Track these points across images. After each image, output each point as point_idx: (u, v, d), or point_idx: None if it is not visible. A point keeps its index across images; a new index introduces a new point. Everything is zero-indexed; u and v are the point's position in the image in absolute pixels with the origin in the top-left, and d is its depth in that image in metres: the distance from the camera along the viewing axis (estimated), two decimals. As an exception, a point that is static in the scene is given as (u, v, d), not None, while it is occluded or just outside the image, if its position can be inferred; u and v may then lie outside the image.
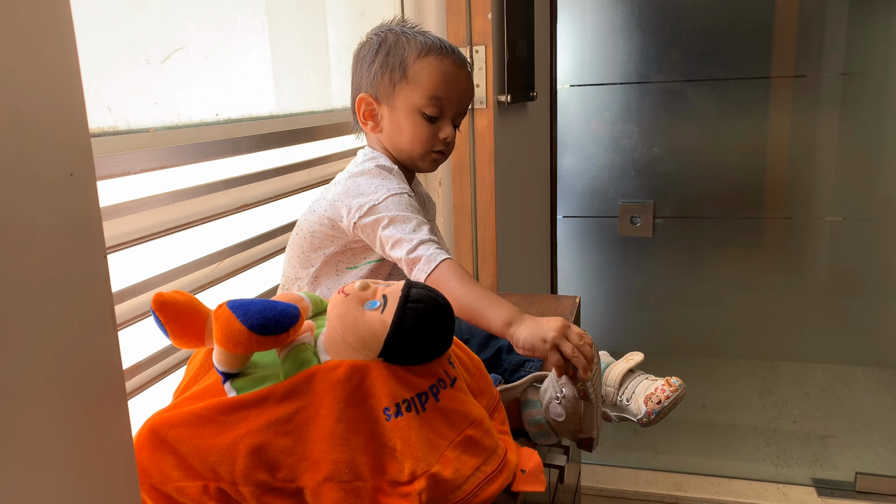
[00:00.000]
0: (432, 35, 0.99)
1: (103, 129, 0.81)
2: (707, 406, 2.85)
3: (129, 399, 0.81)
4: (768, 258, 2.49)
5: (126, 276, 0.86)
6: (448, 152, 1.01)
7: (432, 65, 0.95)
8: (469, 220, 1.73)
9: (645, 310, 2.50)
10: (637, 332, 2.55)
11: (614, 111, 2.35)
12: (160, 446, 0.59)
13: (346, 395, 0.60)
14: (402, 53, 0.96)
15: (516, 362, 0.92)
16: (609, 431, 2.80)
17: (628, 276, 2.47)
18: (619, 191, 2.38)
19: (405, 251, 0.87)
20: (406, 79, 0.96)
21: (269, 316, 0.60)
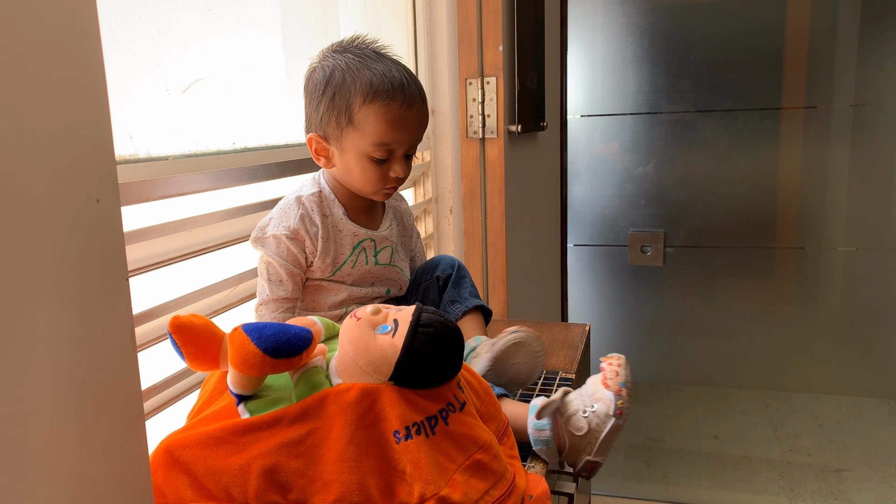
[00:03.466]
0: (382, 66, 0.93)
1: (125, 157, 0.84)
2: (719, 437, 2.82)
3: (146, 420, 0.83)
4: (781, 288, 2.49)
5: (145, 300, 0.88)
6: (402, 182, 1.00)
7: (378, 112, 0.91)
8: (480, 249, 1.74)
9: (655, 339, 2.50)
10: (647, 362, 2.54)
11: (624, 141, 2.37)
12: (174, 467, 0.60)
13: (357, 418, 0.61)
14: (348, 97, 0.92)
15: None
16: (620, 462, 2.78)
17: (638, 305, 2.47)
18: (630, 220, 2.39)
19: (259, 301, 0.96)
20: (352, 125, 0.92)
21: (282, 339, 0.62)
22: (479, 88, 1.65)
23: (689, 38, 2.29)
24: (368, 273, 1.01)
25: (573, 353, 1.18)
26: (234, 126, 1.05)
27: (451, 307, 1.04)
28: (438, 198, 1.83)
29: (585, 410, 0.81)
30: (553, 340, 1.26)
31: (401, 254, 1.07)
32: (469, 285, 1.06)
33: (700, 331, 2.50)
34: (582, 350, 1.21)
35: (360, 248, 1.01)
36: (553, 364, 1.14)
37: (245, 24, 1.07)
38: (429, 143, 1.79)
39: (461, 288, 1.06)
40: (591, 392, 0.82)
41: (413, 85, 0.94)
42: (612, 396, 0.81)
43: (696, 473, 2.72)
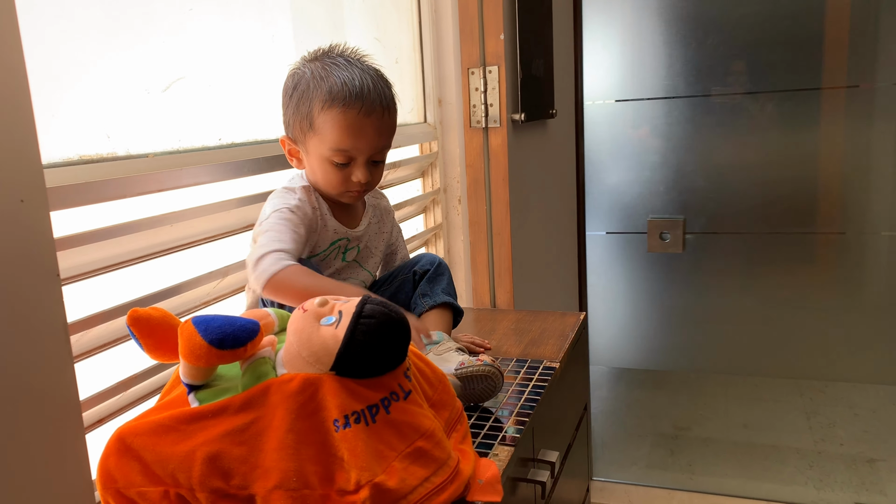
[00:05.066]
0: (346, 73, 0.95)
1: (102, 156, 0.87)
2: (748, 426, 2.77)
3: (122, 415, 0.86)
4: (819, 275, 2.41)
5: (130, 294, 0.91)
6: (370, 187, 1.02)
7: (335, 118, 0.94)
8: (485, 238, 1.75)
9: (677, 327, 2.46)
10: (669, 350, 2.51)
11: (643, 126, 2.34)
12: (126, 453, 0.63)
13: (298, 407, 0.63)
14: (310, 103, 0.95)
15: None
16: (644, 451, 2.76)
17: (659, 292, 2.44)
18: (648, 207, 2.36)
19: (255, 257, 0.89)
20: (313, 129, 0.96)
21: (227, 331, 0.64)
22: (482, 78, 1.65)
23: (705, 18, 2.23)
24: (334, 270, 1.03)
25: (562, 343, 1.18)
26: (220, 122, 1.07)
27: (420, 300, 1.05)
28: (447, 188, 1.84)
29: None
30: (545, 329, 1.26)
31: (370, 251, 1.08)
32: (445, 283, 1.07)
33: (727, 319, 2.45)
34: (573, 339, 1.21)
35: (336, 245, 1.03)
36: (540, 353, 1.14)
37: (232, 20, 1.09)
38: (436, 133, 1.80)
39: (436, 284, 1.07)
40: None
41: (376, 93, 0.96)
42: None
43: (722, 462, 2.68)
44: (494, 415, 0.93)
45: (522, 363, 1.10)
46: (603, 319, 2.53)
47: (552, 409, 1.08)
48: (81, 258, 0.85)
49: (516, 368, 1.09)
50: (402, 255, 1.17)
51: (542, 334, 1.23)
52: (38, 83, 0.79)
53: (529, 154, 1.86)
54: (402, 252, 1.18)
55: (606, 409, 2.78)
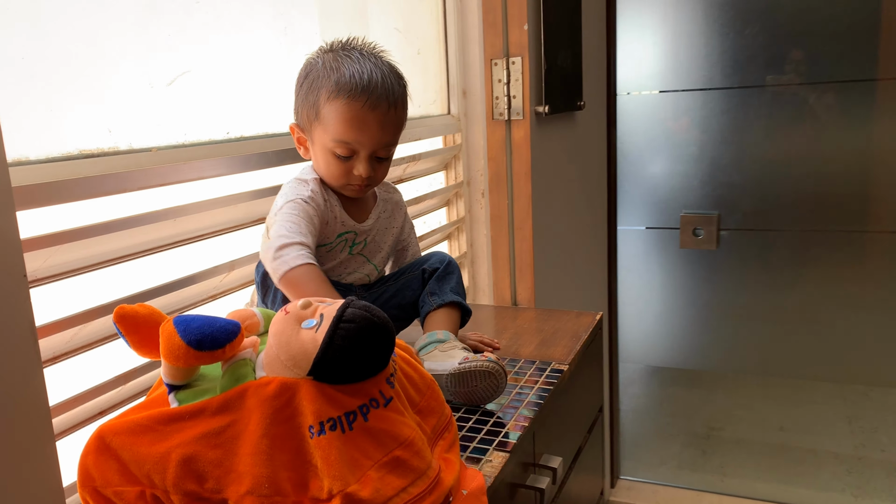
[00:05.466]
0: (356, 66, 0.95)
1: (103, 150, 0.87)
2: (785, 429, 2.68)
3: (112, 413, 0.86)
4: (861, 274, 2.31)
5: (146, 284, 0.92)
6: (373, 183, 1.00)
7: (339, 109, 0.93)
8: (506, 233, 1.72)
9: (710, 326, 2.39)
10: (703, 349, 2.44)
11: (677, 118, 2.27)
12: (105, 452, 0.63)
13: (274, 412, 0.61)
14: (318, 92, 0.95)
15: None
16: (675, 450, 2.70)
17: (691, 290, 2.37)
18: (681, 201, 2.29)
19: (277, 245, 0.89)
20: (318, 119, 0.96)
21: (206, 332, 0.63)
22: (505, 69, 1.62)
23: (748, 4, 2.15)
24: (339, 262, 1.02)
25: (573, 344, 1.15)
26: (228, 116, 1.07)
27: (428, 299, 1.04)
28: (470, 181, 1.81)
29: None
30: (558, 329, 1.23)
31: (378, 245, 1.07)
32: (454, 282, 1.05)
33: (763, 319, 2.36)
34: (585, 340, 1.18)
35: (343, 238, 1.02)
36: (550, 354, 1.12)
37: (241, 11, 1.08)
38: (459, 125, 1.78)
39: (445, 283, 1.05)
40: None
41: (383, 88, 0.95)
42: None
43: (755, 465, 2.60)
44: (493, 419, 0.91)
45: (531, 364, 1.08)
46: (634, 316, 2.48)
47: (559, 413, 1.05)
48: (82, 252, 0.86)
49: (524, 370, 1.06)
50: (413, 252, 1.15)
51: (555, 334, 1.20)
52: (36, 77, 0.80)
53: (554, 147, 1.82)
54: (414, 249, 1.16)
55: (637, 406, 2.72)
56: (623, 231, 2.38)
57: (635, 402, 2.73)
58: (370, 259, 1.06)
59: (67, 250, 0.83)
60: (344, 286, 1.02)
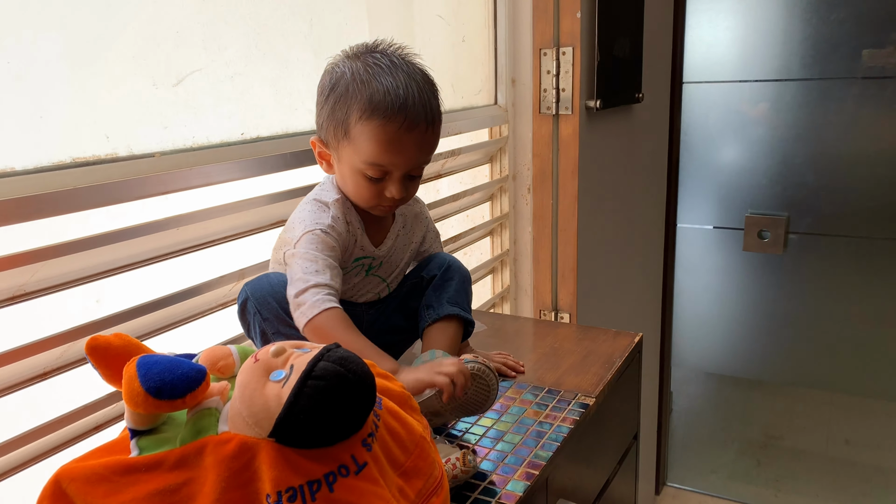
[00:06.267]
0: (390, 80, 0.86)
1: (100, 157, 0.83)
2: (851, 442, 2.50)
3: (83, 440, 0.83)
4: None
5: (144, 295, 0.89)
6: (402, 203, 0.93)
7: (373, 131, 0.85)
8: (549, 235, 1.62)
9: (772, 335, 2.24)
10: (761, 359, 2.29)
11: (748, 111, 2.10)
12: (61, 498, 0.59)
13: (231, 475, 0.56)
14: (347, 110, 0.86)
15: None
16: (728, 458, 2.57)
17: (752, 296, 2.22)
18: (747, 201, 2.13)
19: (294, 291, 0.84)
20: (348, 138, 0.87)
21: (166, 379, 0.58)
22: (554, 60, 1.51)
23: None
24: (352, 285, 0.96)
25: (604, 372, 1.06)
26: (243, 115, 1.01)
27: (424, 312, 0.96)
28: (516, 175, 1.72)
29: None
30: (591, 352, 1.14)
31: (394, 264, 1.00)
32: (452, 290, 0.97)
33: (831, 330, 2.19)
34: (619, 367, 1.09)
35: (361, 262, 0.95)
36: (577, 383, 1.03)
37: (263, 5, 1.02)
38: (506, 116, 1.68)
39: (442, 292, 0.96)
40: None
41: (420, 106, 0.86)
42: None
43: (814, 480, 2.45)
44: (501, 463, 0.84)
45: (554, 395, 1.00)
46: (690, 319, 2.34)
47: (582, 450, 0.97)
48: (80, 263, 0.82)
49: (546, 402, 0.98)
50: None
51: (586, 358, 1.12)
52: (22, 79, 0.75)
53: (606, 143, 1.70)
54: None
55: (691, 408, 2.59)
56: (683, 230, 2.24)
57: (689, 404, 2.59)
58: (384, 279, 0.99)
59: (56, 264, 0.79)
60: (354, 304, 0.96)
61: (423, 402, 0.85)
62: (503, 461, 0.84)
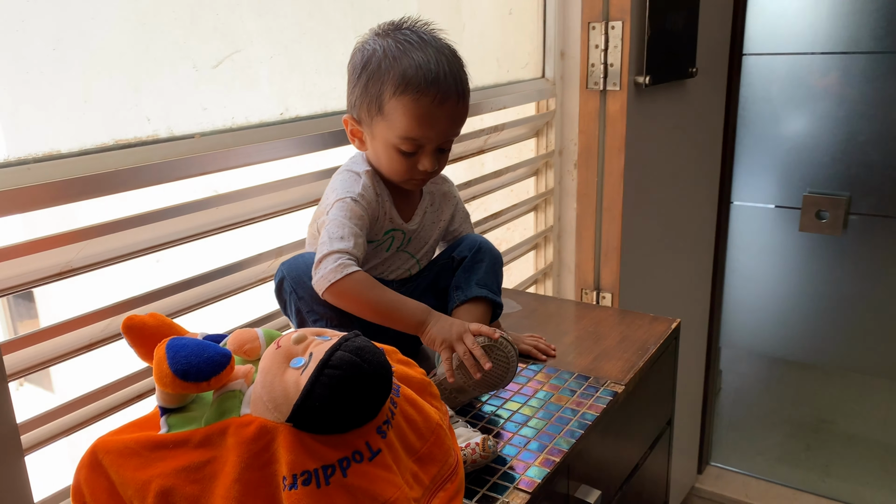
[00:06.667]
0: (421, 56, 0.88)
1: (141, 139, 0.85)
2: (906, 430, 2.42)
3: (122, 410, 0.88)
4: None
5: (197, 268, 0.93)
6: (434, 175, 0.97)
7: (407, 105, 0.88)
8: (593, 212, 1.60)
9: (826, 319, 2.16)
10: (815, 343, 2.22)
11: (811, 85, 2.00)
12: (96, 468, 0.63)
13: (251, 456, 0.59)
14: (381, 86, 0.88)
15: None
16: (776, 440, 2.52)
17: (807, 278, 2.14)
18: (807, 179, 2.05)
19: (318, 256, 0.87)
20: (382, 114, 0.90)
21: (193, 362, 0.61)
22: (603, 34, 1.47)
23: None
24: (382, 260, 0.98)
25: (636, 359, 1.05)
26: (282, 96, 1.03)
27: (454, 293, 0.98)
28: (563, 150, 1.70)
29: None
30: (625, 337, 1.13)
31: (422, 240, 1.02)
32: (482, 272, 0.98)
33: (891, 315, 2.10)
34: (653, 354, 1.08)
35: (390, 235, 0.97)
36: (607, 369, 1.03)
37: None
38: (554, 89, 1.65)
39: (472, 274, 0.98)
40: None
41: (451, 79, 0.90)
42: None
43: (865, 467, 2.38)
44: (522, 448, 0.85)
45: (582, 381, 1.00)
46: (742, 300, 2.28)
47: (608, 438, 0.97)
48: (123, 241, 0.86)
49: (573, 387, 0.98)
50: None
51: (620, 344, 1.11)
52: (68, 65, 0.78)
53: (656, 120, 1.66)
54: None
55: (740, 387, 2.54)
56: (737, 207, 2.17)
57: (739, 385, 2.55)
58: (413, 255, 1.01)
59: (100, 242, 0.83)
60: (384, 282, 0.98)
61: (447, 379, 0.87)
62: (525, 446, 0.85)
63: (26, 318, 4.24)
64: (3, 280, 0.76)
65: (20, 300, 4.41)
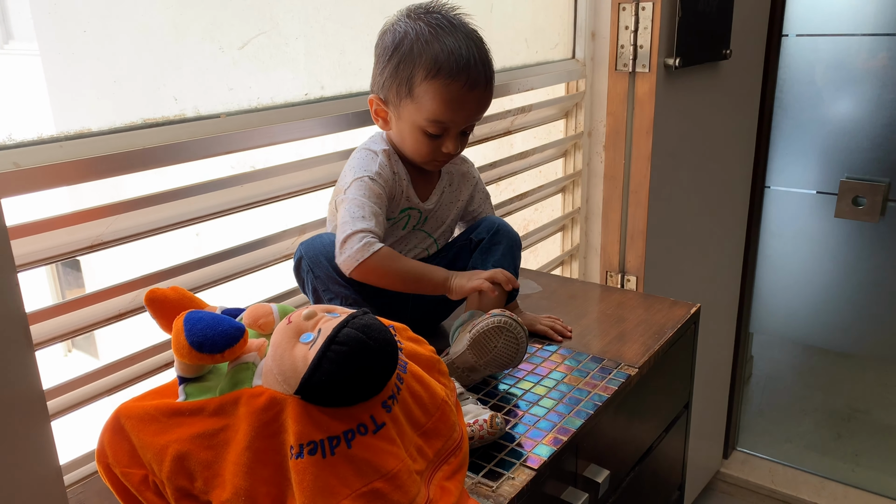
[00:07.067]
0: (452, 41, 0.90)
1: (169, 118, 0.88)
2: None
3: (147, 379, 0.92)
4: None
5: (221, 244, 0.97)
6: (455, 156, 1.00)
7: (438, 89, 0.90)
8: (620, 195, 1.59)
9: (861, 307, 2.12)
10: (850, 331, 2.17)
11: (853, 67, 1.95)
12: (119, 432, 0.67)
13: (261, 426, 0.61)
14: (412, 69, 0.91)
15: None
16: (806, 427, 2.49)
17: (842, 265, 2.10)
18: (844, 164, 2.00)
19: (342, 237, 0.89)
20: (411, 96, 0.92)
21: (208, 335, 0.64)
22: (633, 15, 1.45)
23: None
24: (399, 238, 1.00)
25: (652, 343, 1.06)
26: (307, 77, 1.05)
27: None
28: (592, 132, 1.69)
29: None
30: (643, 321, 1.13)
31: (440, 219, 1.04)
32: (499, 254, 1.00)
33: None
34: (670, 338, 1.08)
35: (406, 213, 0.99)
36: (622, 352, 1.03)
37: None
38: (584, 70, 1.64)
39: (489, 255, 1.00)
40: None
41: (480, 66, 0.93)
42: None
43: (896, 459, 2.35)
44: (532, 426, 0.86)
45: (596, 363, 1.01)
46: (774, 285, 2.25)
47: (618, 421, 0.98)
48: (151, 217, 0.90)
49: (587, 368, 1.00)
50: None
51: (637, 327, 1.11)
52: (99, 47, 0.81)
53: (686, 102, 1.64)
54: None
55: (772, 374, 2.51)
56: (770, 192, 2.14)
57: (770, 371, 2.52)
58: (431, 234, 1.03)
59: (129, 217, 0.86)
60: None
61: (459, 358, 0.89)
62: (535, 425, 0.87)
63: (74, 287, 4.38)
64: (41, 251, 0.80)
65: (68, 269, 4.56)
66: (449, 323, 1.11)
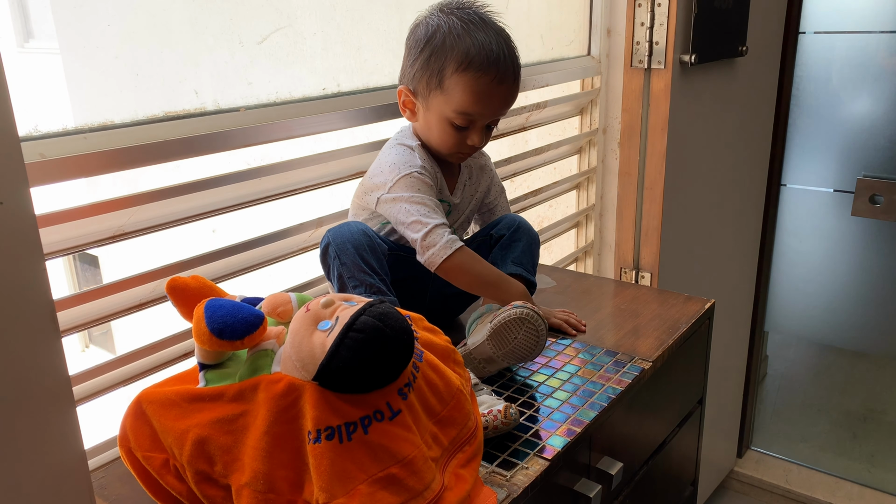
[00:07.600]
0: (483, 36, 0.93)
1: (189, 111, 0.90)
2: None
3: (166, 369, 0.93)
4: None
5: (242, 235, 0.98)
6: (478, 149, 1.02)
7: (468, 82, 0.92)
8: (634, 192, 1.59)
9: (878, 306, 2.11)
10: (867, 331, 2.16)
11: (871, 64, 1.93)
12: (141, 416, 0.68)
13: (280, 411, 0.63)
14: (443, 62, 0.93)
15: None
16: (821, 428, 2.47)
17: (858, 264, 2.09)
18: (861, 162, 1.99)
19: (421, 234, 0.92)
20: (441, 88, 0.94)
21: (228, 322, 0.65)
22: (649, 11, 1.45)
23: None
24: None
25: (666, 337, 1.06)
26: (324, 72, 1.06)
27: None
28: (607, 129, 1.69)
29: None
30: (657, 315, 1.14)
31: (460, 212, 1.05)
32: (519, 251, 1.01)
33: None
34: (684, 333, 1.08)
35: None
36: (636, 346, 1.04)
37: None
38: (599, 67, 1.64)
39: (509, 251, 1.01)
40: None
41: (509, 61, 0.95)
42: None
43: (915, 460, 2.33)
44: (546, 418, 0.87)
45: (610, 357, 1.01)
46: (790, 284, 2.24)
47: (631, 414, 0.99)
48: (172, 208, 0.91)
49: (601, 362, 1.00)
50: (501, 215, 1.12)
51: (651, 321, 1.12)
52: (122, 41, 0.83)
53: (702, 99, 1.63)
54: (503, 211, 1.13)
55: (787, 373, 2.50)
56: (786, 190, 2.13)
57: (786, 370, 2.51)
58: (450, 226, 1.04)
59: (150, 208, 0.88)
60: None
61: (477, 348, 0.90)
62: (549, 416, 0.88)
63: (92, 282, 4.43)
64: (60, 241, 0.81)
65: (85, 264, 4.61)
66: (465, 317, 1.12)
